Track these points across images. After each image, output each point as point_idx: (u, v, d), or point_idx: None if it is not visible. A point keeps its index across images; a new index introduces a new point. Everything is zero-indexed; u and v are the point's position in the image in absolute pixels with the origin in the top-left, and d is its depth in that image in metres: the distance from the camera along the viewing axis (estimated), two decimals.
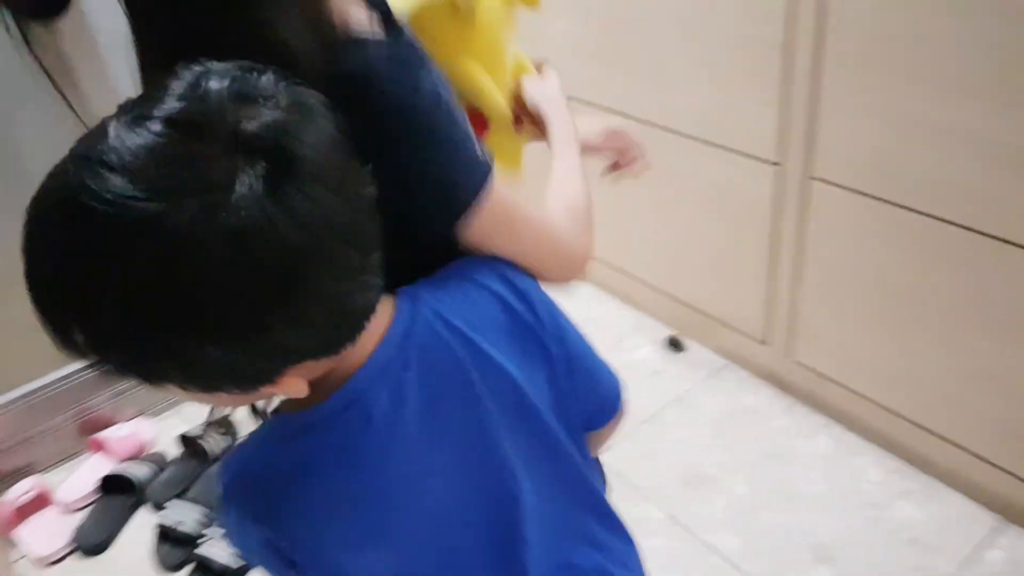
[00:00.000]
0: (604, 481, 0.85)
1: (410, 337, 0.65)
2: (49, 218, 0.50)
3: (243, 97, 0.51)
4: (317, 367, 0.60)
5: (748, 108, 1.56)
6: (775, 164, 1.57)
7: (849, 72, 1.38)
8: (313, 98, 0.55)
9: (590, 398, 0.77)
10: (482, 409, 0.67)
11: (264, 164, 0.49)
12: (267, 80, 0.53)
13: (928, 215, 1.37)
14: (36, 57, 0.66)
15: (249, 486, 0.64)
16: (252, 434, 0.68)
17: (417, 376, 0.65)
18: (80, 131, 0.52)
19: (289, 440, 0.64)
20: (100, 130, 0.50)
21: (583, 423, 0.77)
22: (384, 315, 0.64)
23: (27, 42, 0.65)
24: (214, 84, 0.51)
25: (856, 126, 1.41)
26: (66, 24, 0.69)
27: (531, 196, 0.77)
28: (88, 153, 0.49)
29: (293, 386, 0.58)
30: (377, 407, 0.63)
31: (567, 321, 0.74)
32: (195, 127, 0.49)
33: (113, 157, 0.48)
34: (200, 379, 0.55)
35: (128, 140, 0.48)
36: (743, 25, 1.49)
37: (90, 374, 1.87)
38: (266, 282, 0.50)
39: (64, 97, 0.76)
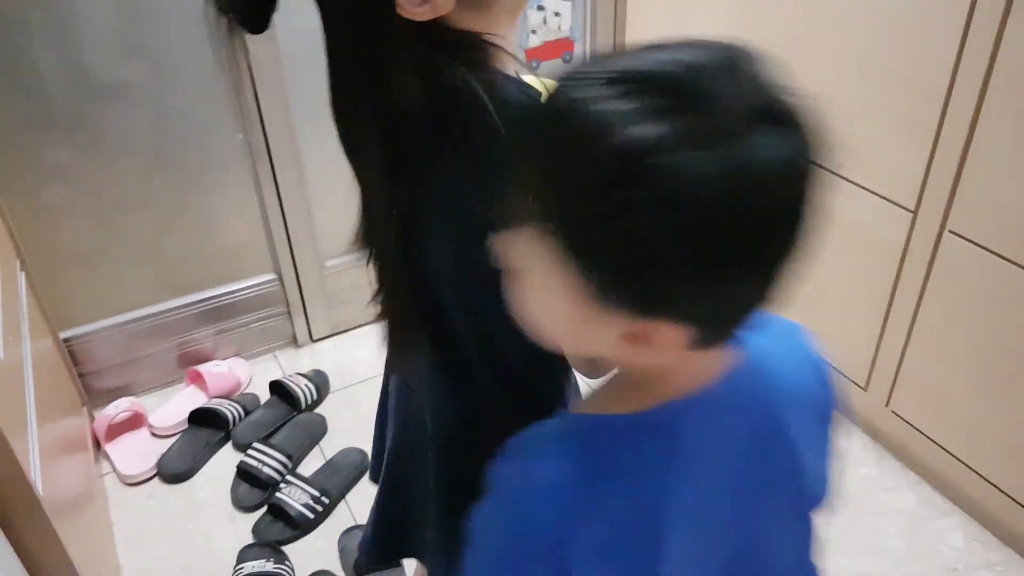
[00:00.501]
0: None
1: (749, 385, 0.61)
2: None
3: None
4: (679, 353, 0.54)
5: (897, 151, 1.52)
6: (911, 212, 1.53)
7: (1004, 128, 1.33)
8: None
9: None
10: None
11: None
12: None
13: None
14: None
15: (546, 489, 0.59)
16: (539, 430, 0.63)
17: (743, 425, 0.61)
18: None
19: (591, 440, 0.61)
20: None
21: None
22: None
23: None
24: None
25: (1001, 184, 1.36)
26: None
27: None
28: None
29: (670, 342, 0.52)
30: (698, 438, 0.60)
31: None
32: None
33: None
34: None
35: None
36: (910, 68, 1.45)
37: (195, 309, 1.98)
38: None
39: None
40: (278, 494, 1.70)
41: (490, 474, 0.62)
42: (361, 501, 1.74)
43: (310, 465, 1.83)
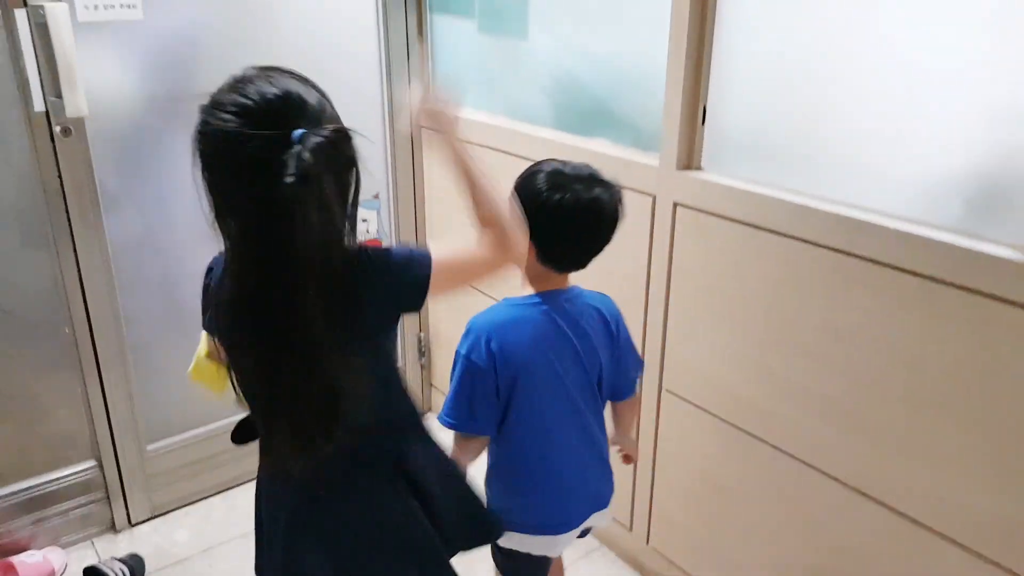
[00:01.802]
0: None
1: (574, 296, 1.47)
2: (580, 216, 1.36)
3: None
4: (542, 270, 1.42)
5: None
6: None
7: (688, 309, 1.74)
8: None
9: (626, 374, 1.58)
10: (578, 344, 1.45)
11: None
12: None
13: (765, 441, 1.68)
14: None
15: (492, 325, 1.40)
16: (493, 307, 1.45)
17: (569, 309, 1.45)
18: None
19: (516, 307, 1.43)
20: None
21: (612, 392, 1.57)
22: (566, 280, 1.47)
23: None
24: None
25: (697, 352, 1.75)
26: None
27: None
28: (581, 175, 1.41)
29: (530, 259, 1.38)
30: (553, 307, 1.43)
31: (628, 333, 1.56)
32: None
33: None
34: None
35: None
36: (618, 265, 1.85)
37: (11, 500, 2.04)
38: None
39: None
40: None
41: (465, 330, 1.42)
42: None
43: None
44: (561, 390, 1.45)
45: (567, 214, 1.34)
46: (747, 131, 1.62)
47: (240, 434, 1.33)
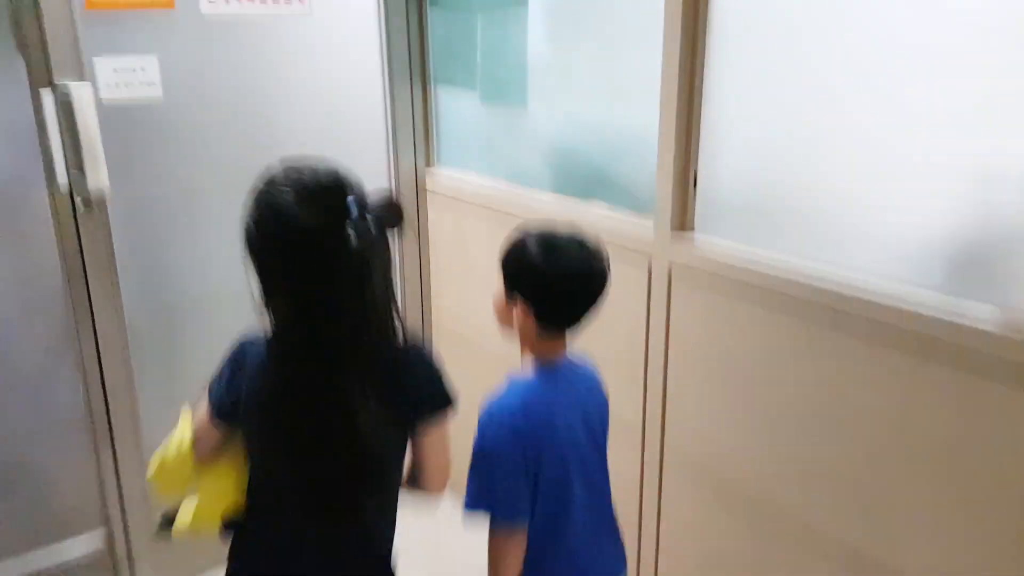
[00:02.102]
0: None
1: (576, 362, 1.46)
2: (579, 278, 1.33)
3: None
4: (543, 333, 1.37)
5: (623, 401, 1.95)
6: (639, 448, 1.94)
7: (689, 373, 1.79)
8: None
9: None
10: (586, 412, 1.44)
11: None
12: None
13: (764, 510, 1.71)
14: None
15: (513, 409, 1.33)
16: (503, 390, 1.36)
17: (573, 377, 1.44)
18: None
19: (526, 384, 1.37)
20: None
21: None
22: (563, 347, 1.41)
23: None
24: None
25: (695, 422, 1.79)
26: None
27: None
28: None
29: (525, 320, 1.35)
30: (560, 377, 1.40)
31: None
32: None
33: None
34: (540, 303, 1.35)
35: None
36: (622, 338, 1.90)
37: (21, 571, 2.08)
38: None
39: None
40: None
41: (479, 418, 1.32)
42: None
43: None
44: (577, 461, 1.41)
45: (567, 277, 1.33)
46: (738, 194, 1.69)
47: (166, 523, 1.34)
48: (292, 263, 1.09)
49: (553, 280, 1.34)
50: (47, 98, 1.85)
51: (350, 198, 1.09)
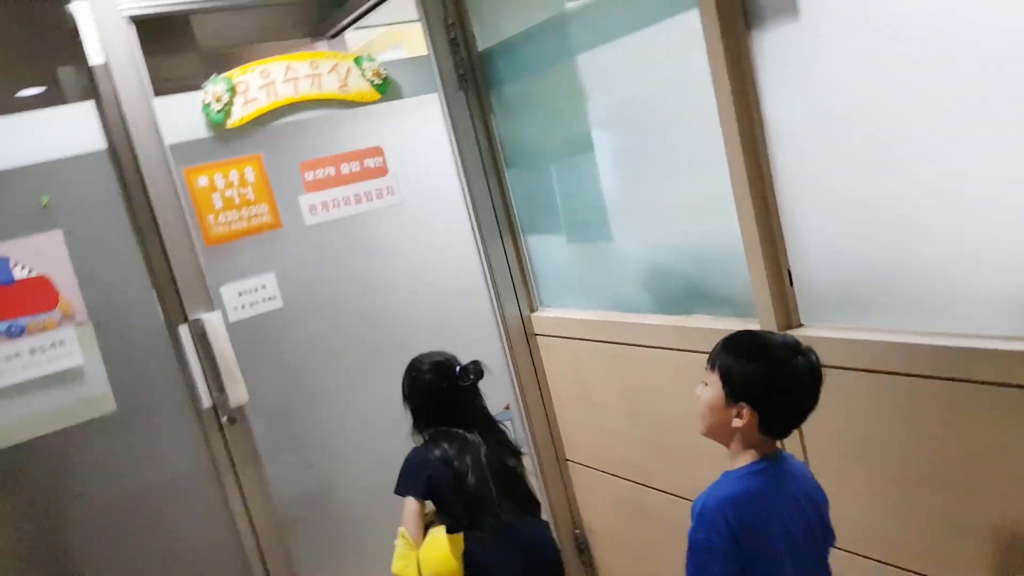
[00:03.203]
0: None
1: (791, 459, 1.46)
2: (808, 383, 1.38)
3: None
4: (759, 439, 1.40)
5: None
6: None
7: None
8: None
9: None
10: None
11: None
12: None
13: None
14: None
15: (727, 500, 1.36)
16: (718, 483, 1.42)
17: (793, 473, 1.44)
18: None
19: (744, 477, 1.39)
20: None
21: None
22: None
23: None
24: None
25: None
26: None
27: None
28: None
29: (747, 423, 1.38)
30: (778, 471, 1.41)
31: None
32: None
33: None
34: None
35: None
36: None
37: None
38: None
39: None
40: None
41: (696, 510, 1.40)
42: None
43: None
44: (799, 557, 1.39)
45: (798, 387, 1.37)
46: (836, 282, 1.69)
47: None
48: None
49: (787, 382, 1.37)
50: (184, 332, 2.06)
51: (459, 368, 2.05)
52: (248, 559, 2.19)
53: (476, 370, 2.05)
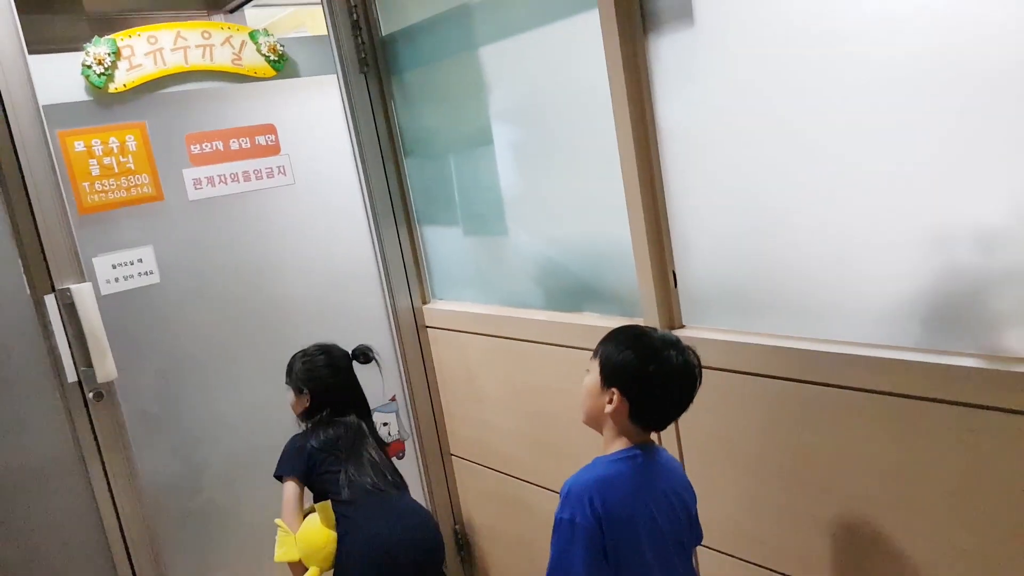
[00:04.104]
0: None
1: (662, 450, 1.51)
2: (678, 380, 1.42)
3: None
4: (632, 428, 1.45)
5: None
6: None
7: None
8: None
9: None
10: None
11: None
12: None
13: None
14: None
15: (594, 483, 1.40)
16: (588, 466, 1.46)
17: (662, 463, 1.48)
18: None
19: (614, 462, 1.44)
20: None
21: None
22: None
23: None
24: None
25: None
26: None
27: None
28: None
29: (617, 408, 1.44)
30: (648, 459, 1.45)
31: None
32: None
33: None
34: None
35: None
36: None
37: None
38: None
39: None
40: None
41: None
42: None
43: None
44: (662, 547, 1.44)
45: (665, 383, 1.42)
46: (718, 286, 1.75)
47: None
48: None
49: (654, 379, 1.41)
50: (50, 303, 1.95)
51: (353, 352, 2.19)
52: (110, 546, 2.08)
53: (367, 352, 2.17)
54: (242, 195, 2.29)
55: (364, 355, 2.18)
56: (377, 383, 2.38)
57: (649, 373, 1.41)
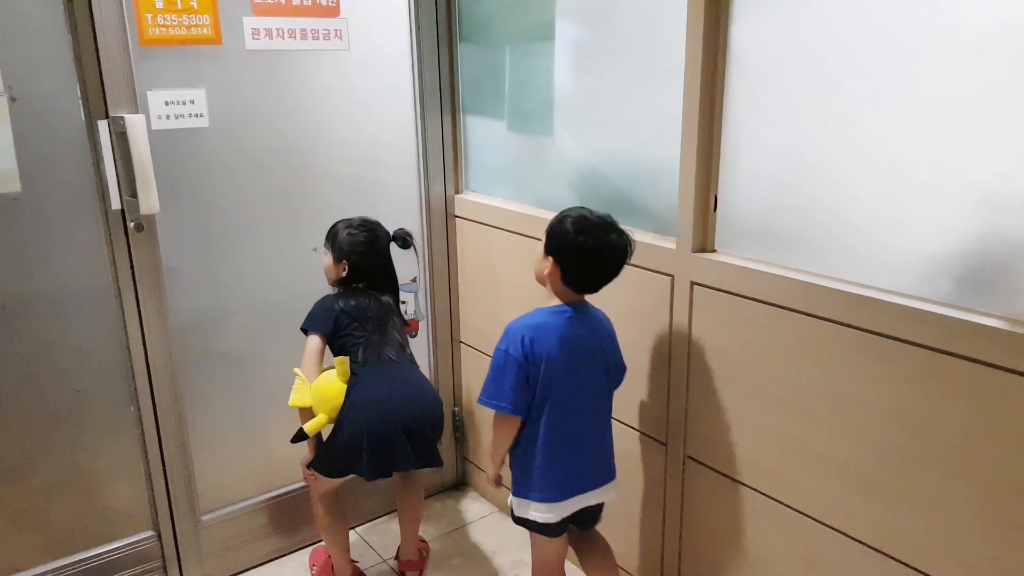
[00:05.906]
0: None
1: (591, 308, 1.87)
2: (598, 256, 1.77)
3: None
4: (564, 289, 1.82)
5: (648, 400, 2.02)
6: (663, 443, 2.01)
7: (706, 385, 1.87)
8: None
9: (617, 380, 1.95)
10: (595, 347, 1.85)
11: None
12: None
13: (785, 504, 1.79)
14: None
15: (527, 326, 1.78)
16: (528, 313, 1.82)
17: (588, 318, 1.85)
18: None
19: (548, 314, 1.81)
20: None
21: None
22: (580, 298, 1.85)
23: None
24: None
25: (715, 420, 1.87)
26: None
27: None
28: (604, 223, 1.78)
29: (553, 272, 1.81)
30: (576, 315, 1.82)
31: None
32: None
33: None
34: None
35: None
36: (652, 346, 1.99)
37: (72, 570, 2.17)
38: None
39: None
40: None
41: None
42: None
43: None
44: (579, 384, 1.82)
45: (588, 254, 1.76)
46: (756, 216, 1.78)
47: (296, 437, 2.13)
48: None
49: (578, 252, 1.75)
50: (103, 128, 1.97)
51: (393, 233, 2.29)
52: (135, 376, 2.17)
53: (406, 238, 2.27)
54: (297, 53, 2.28)
55: (403, 240, 2.27)
56: (403, 261, 2.43)
57: (578, 244, 1.74)
